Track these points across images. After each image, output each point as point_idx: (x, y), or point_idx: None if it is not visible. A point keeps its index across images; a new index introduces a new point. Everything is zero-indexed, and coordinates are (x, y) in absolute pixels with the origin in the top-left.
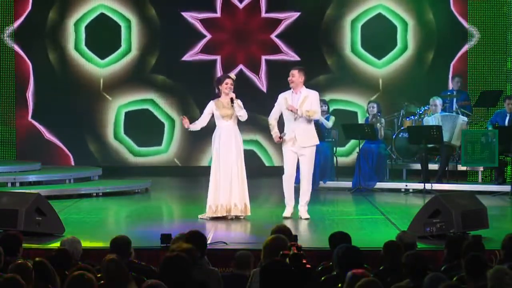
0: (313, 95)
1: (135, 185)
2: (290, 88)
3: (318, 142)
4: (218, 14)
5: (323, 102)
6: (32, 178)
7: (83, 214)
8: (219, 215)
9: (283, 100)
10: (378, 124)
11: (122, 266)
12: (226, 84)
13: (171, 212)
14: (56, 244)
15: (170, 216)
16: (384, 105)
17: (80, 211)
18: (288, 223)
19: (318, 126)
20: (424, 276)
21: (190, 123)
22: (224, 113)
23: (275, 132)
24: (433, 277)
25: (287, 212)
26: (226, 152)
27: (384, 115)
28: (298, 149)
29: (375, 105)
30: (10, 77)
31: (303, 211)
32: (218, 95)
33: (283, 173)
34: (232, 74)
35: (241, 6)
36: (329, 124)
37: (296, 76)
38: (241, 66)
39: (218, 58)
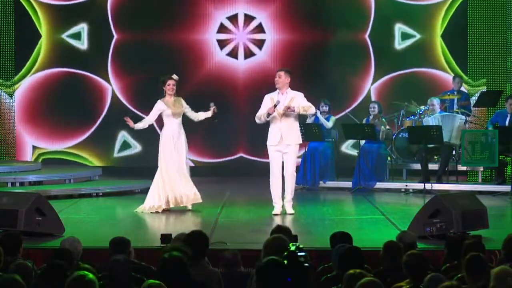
0: (299, 95)
1: (135, 185)
2: (275, 89)
3: (301, 141)
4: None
5: (323, 102)
6: (32, 178)
7: (83, 214)
8: (169, 206)
9: (270, 101)
10: (382, 127)
11: (127, 267)
12: (169, 85)
13: (171, 211)
14: (56, 244)
15: (170, 216)
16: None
17: (80, 211)
18: (287, 223)
19: (319, 126)
20: (424, 276)
21: (135, 123)
22: (176, 111)
23: (266, 110)
24: (433, 278)
25: (276, 210)
26: (178, 147)
27: (385, 115)
28: (284, 147)
29: (375, 106)
30: None
31: (288, 207)
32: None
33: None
34: (175, 75)
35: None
36: (329, 124)
37: (282, 77)
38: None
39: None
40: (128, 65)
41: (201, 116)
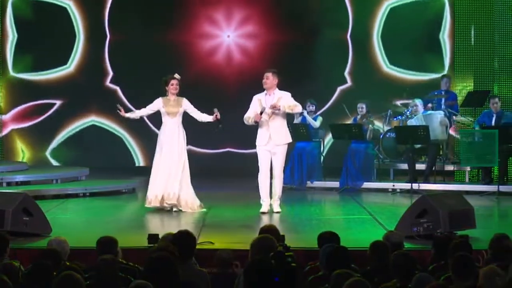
0: (286, 95)
1: (122, 185)
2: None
3: (291, 140)
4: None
5: (310, 102)
6: (19, 178)
7: (70, 214)
8: (153, 205)
9: (257, 102)
10: (370, 125)
11: (115, 267)
12: (172, 85)
13: (158, 211)
14: (43, 244)
15: (157, 216)
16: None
17: (67, 211)
18: (275, 223)
19: (306, 126)
20: (411, 276)
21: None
22: (170, 111)
23: (254, 116)
24: (421, 277)
25: (264, 208)
26: (168, 146)
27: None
28: (272, 147)
29: (364, 105)
30: None
31: (275, 205)
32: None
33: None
34: (177, 75)
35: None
36: (316, 124)
37: (270, 79)
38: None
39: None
40: (120, 65)
41: (204, 118)
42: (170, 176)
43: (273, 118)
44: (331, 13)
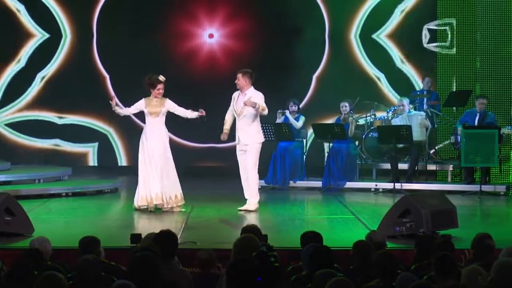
0: (258, 95)
1: (104, 185)
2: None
3: (262, 140)
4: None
5: (293, 102)
6: (1, 178)
7: (53, 214)
8: (142, 205)
9: (233, 100)
10: (350, 118)
11: (97, 267)
12: (158, 90)
13: (141, 211)
14: (25, 244)
15: (140, 215)
16: None
17: (49, 211)
18: (258, 222)
19: (288, 126)
20: (394, 275)
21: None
22: (152, 111)
23: (225, 128)
24: (404, 277)
25: (244, 206)
26: (151, 147)
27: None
28: (242, 146)
29: (347, 105)
30: None
31: (247, 204)
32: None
33: None
34: (161, 77)
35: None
36: (298, 125)
37: (240, 80)
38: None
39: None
40: (107, 63)
41: (189, 114)
42: (155, 177)
43: (242, 117)
44: (313, 13)
